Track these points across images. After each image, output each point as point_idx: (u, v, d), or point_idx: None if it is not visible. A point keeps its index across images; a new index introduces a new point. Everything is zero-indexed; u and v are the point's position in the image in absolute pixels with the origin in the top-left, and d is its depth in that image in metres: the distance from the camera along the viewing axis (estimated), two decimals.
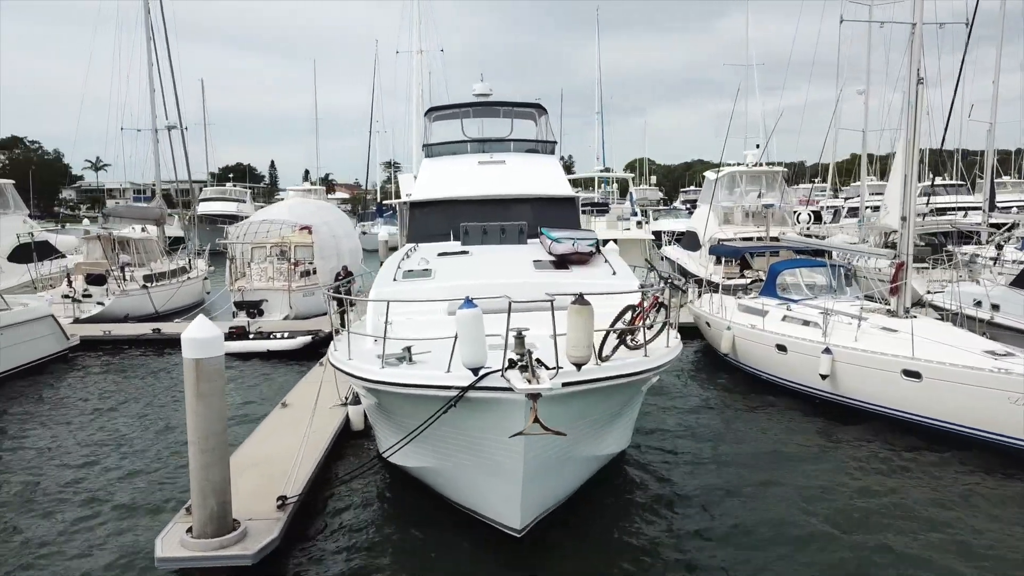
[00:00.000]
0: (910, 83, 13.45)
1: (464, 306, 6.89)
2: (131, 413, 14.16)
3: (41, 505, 9.86)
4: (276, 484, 9.18)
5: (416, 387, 7.61)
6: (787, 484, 10.19)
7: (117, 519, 9.41)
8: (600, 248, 12.08)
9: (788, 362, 14.38)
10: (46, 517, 9.49)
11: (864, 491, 9.97)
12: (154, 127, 28.11)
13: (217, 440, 7.95)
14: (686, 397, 14.81)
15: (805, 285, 16.30)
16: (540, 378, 6.60)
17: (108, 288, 22.76)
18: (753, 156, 26.34)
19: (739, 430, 12.70)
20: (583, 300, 6.97)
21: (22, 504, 9.92)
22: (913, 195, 13.72)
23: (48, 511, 9.67)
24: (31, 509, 9.75)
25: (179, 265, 26.84)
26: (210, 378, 7.89)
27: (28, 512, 9.65)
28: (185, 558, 7.74)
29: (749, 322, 15.63)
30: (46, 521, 9.37)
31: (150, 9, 27.74)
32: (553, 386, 6.62)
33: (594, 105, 56.02)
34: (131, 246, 25.26)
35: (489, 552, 8.30)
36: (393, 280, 10.78)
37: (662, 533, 8.93)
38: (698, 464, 11.07)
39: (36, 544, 8.73)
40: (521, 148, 15.95)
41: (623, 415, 9.46)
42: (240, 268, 24.01)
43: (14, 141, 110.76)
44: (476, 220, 13.56)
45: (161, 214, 28.36)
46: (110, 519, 9.41)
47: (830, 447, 11.81)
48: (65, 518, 9.44)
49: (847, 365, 13.07)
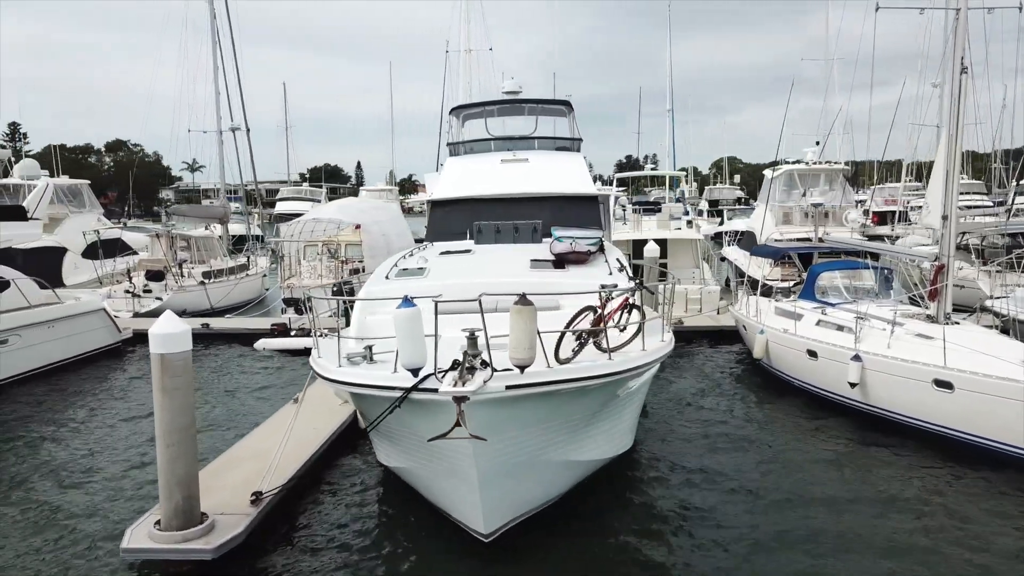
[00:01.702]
0: (953, 73, 12.51)
1: (401, 305, 6.75)
2: None
3: (70, 477, 10.60)
4: (260, 480, 9.24)
5: (357, 386, 7.54)
6: (799, 498, 9.63)
7: (137, 499, 9.82)
8: (604, 247, 11.73)
9: (818, 368, 13.65)
10: (78, 488, 10.21)
11: (884, 507, 9.34)
12: (219, 129, 29.13)
13: (183, 435, 8.05)
14: (711, 401, 14.23)
15: (846, 288, 15.44)
16: (470, 381, 6.39)
17: (166, 284, 23.68)
18: (813, 153, 25.20)
19: (759, 438, 12.08)
20: (525, 300, 6.72)
21: (55, 477, 10.68)
22: (955, 192, 12.76)
23: (78, 483, 10.39)
24: (62, 482, 10.46)
25: (239, 263, 27.70)
26: (175, 373, 8.01)
27: (61, 485, 10.36)
28: (148, 549, 7.87)
29: (782, 326, 14.93)
30: (80, 493, 10.04)
31: (216, 14, 28.73)
32: (478, 389, 6.40)
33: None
34: (191, 244, 26.22)
35: (456, 560, 8.12)
36: (385, 278, 10.75)
37: (658, 543, 8.57)
38: (706, 470, 10.57)
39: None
40: (545, 146, 15.71)
41: (610, 418, 9.10)
42: (291, 266, 24.56)
43: (118, 144, 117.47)
44: (497, 218, 13.45)
45: (224, 213, 29.36)
46: (132, 498, 9.85)
47: (854, 459, 11.10)
48: (93, 488, 10.12)
49: (877, 373, 12.29)
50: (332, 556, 8.33)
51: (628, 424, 10.16)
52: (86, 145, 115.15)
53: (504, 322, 7.56)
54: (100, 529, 8.95)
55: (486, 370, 6.62)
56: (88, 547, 8.52)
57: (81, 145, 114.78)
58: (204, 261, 26.27)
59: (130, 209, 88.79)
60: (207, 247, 27.11)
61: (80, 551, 8.43)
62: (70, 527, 9.03)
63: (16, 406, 14.59)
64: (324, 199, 62.14)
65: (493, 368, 6.86)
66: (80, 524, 9.12)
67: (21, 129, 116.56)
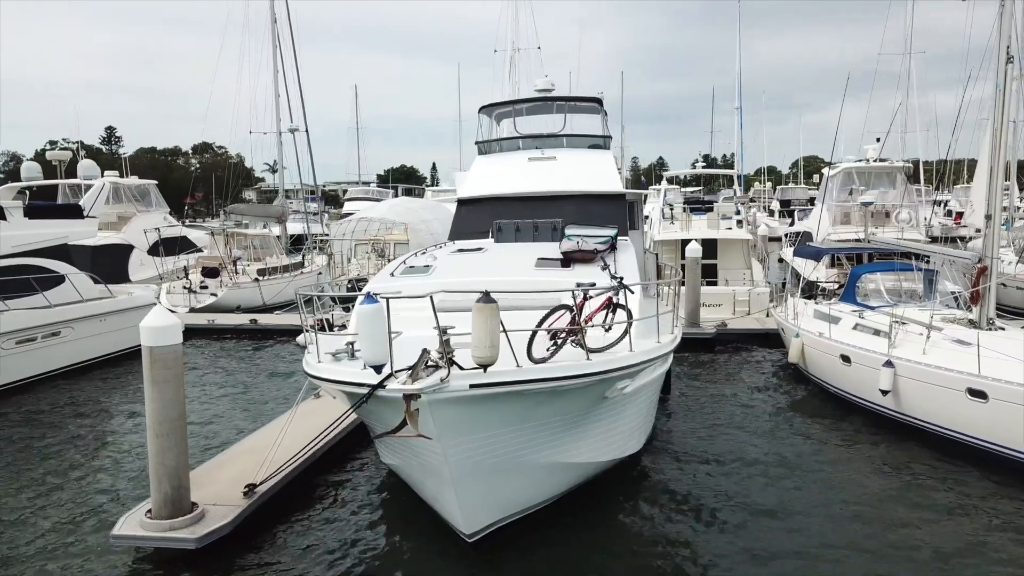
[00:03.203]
0: (998, 63, 11.73)
1: (364, 302, 6.73)
2: (213, 396, 15.22)
3: (120, 465, 11.17)
4: (259, 472, 9.38)
5: (324, 380, 7.58)
6: (817, 507, 9.23)
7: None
8: (617, 246, 11.47)
9: (852, 374, 13.03)
10: (126, 478, 10.67)
11: (903, 521, 8.85)
12: (278, 130, 29.90)
13: (172, 426, 8.23)
14: (740, 405, 13.77)
15: (888, 290, 14.71)
16: (421, 379, 6.32)
17: (221, 281, 24.46)
18: (873, 151, 24.08)
19: (782, 446, 11.55)
20: (487, 298, 6.60)
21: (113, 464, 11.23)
22: (999, 191, 11.96)
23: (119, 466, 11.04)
24: (120, 468, 11.03)
25: (294, 261, 28.38)
26: (165, 365, 8.20)
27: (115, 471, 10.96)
28: (135, 536, 8.08)
29: (818, 329, 14.32)
30: (128, 483, 10.49)
31: (276, 18, 29.50)
32: (429, 387, 6.32)
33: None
34: (247, 242, 27.02)
35: (440, 562, 8.07)
36: (390, 276, 10.78)
37: (662, 549, 8.34)
38: (717, 480, 10.22)
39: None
40: (575, 144, 15.49)
41: (603, 420, 8.87)
42: (340, 263, 25.02)
43: (204, 146, 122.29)
44: (521, 217, 13.34)
45: (281, 213, 30.13)
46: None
47: (882, 470, 10.55)
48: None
49: (909, 380, 11.65)
50: (318, 553, 8.35)
51: (630, 427, 9.88)
52: (175, 147, 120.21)
53: (513, 320, 7.51)
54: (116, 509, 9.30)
55: (442, 369, 6.53)
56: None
57: (170, 148, 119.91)
58: (260, 259, 27.02)
59: (213, 209, 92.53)
60: (264, 245, 27.87)
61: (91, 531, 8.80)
62: (88, 505, 9.45)
63: (72, 393, 15.39)
64: (390, 199, 62.96)
65: (460, 367, 6.78)
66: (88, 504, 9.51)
67: (116, 133, 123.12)
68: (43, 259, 17.18)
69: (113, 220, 28.23)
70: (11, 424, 13.34)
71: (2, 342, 15.41)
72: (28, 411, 14.15)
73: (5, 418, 13.69)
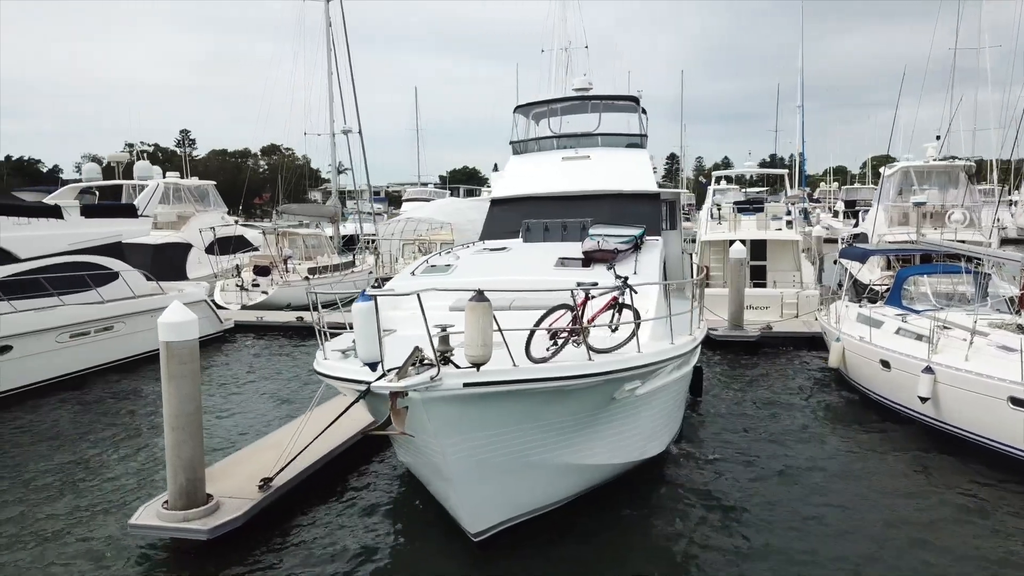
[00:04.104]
0: None
1: (360, 300, 6.78)
2: (260, 390, 15.69)
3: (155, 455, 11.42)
4: (276, 467, 9.54)
5: (329, 378, 7.68)
6: (845, 519, 8.91)
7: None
8: (641, 246, 11.30)
9: (891, 380, 12.56)
10: (160, 467, 10.66)
11: (937, 536, 8.48)
12: (331, 132, 30.47)
13: (188, 419, 8.45)
14: (775, 409, 13.41)
15: (936, 294, 14.11)
16: (407, 378, 6.34)
17: (272, 279, 25.06)
18: (933, 149, 23.11)
19: (814, 452, 11.19)
20: (480, 297, 6.57)
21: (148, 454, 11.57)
22: None
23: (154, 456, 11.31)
24: (154, 458, 11.31)
25: (345, 260, 28.87)
26: (182, 360, 8.42)
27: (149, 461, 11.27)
28: (150, 526, 8.31)
29: (859, 333, 13.83)
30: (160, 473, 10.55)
31: (331, 22, 30.09)
32: (414, 385, 6.32)
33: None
34: (298, 241, 27.61)
35: (447, 561, 8.07)
36: (411, 275, 10.85)
37: (680, 555, 8.21)
38: (743, 485, 9.98)
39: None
40: (611, 142, 15.33)
41: (615, 421, 8.73)
42: (388, 263, 25.34)
43: (272, 148, 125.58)
44: (553, 217, 13.30)
45: (334, 213, 30.69)
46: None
47: (916, 480, 10.15)
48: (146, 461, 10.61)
49: (949, 387, 11.16)
50: (328, 548, 8.43)
51: (649, 428, 9.70)
52: (244, 149, 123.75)
53: (516, 319, 7.51)
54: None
55: (432, 367, 6.54)
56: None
57: (240, 149, 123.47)
58: (311, 258, 27.57)
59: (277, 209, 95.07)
60: (315, 244, 28.43)
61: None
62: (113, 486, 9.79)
63: (122, 385, 16.04)
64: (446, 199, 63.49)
65: (456, 366, 6.78)
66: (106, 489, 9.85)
67: (191, 135, 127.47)
68: (98, 256, 17.88)
69: (173, 220, 29.23)
70: (65, 412, 13.95)
71: (57, 336, 16.10)
72: (81, 401, 14.76)
73: (60, 407, 14.31)
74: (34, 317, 15.58)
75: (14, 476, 10.70)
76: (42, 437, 12.49)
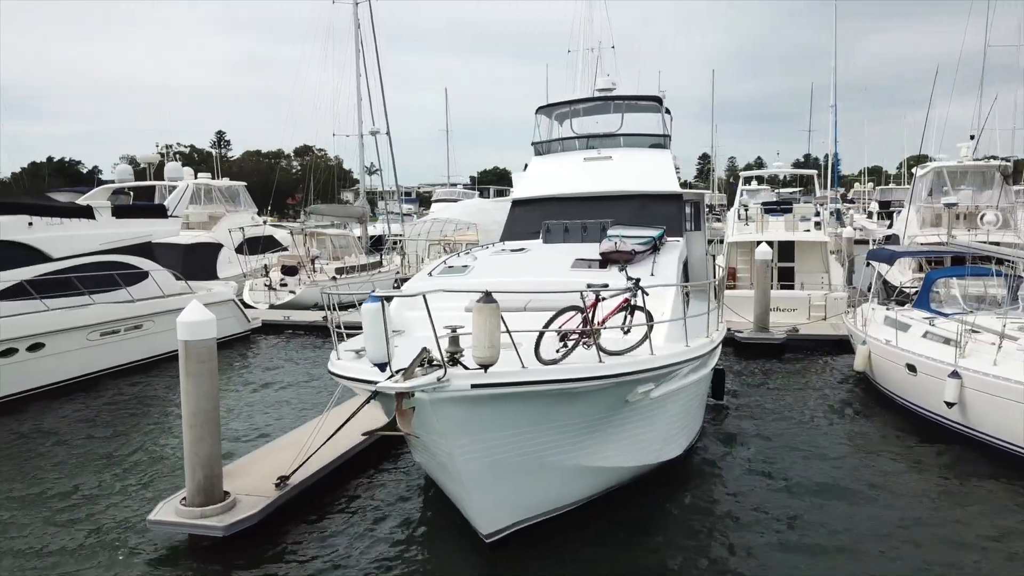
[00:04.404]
0: None
1: (369, 301, 6.82)
2: (282, 389, 15.90)
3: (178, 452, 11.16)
4: (293, 466, 9.63)
5: (341, 377, 7.73)
6: (864, 525, 8.77)
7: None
8: (659, 247, 11.22)
9: (917, 384, 12.32)
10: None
11: (961, 545, 8.29)
12: (359, 133, 30.70)
13: (205, 417, 8.56)
14: (797, 412, 13.25)
15: (966, 296, 13.82)
16: (413, 378, 6.36)
17: (300, 279, 25.33)
18: (967, 149, 22.63)
19: (837, 457, 11.03)
20: (488, 298, 6.58)
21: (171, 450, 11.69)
22: None
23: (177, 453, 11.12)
24: (178, 454, 11.14)
25: (372, 260, 29.08)
26: (199, 359, 8.55)
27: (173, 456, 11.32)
28: (168, 522, 8.42)
29: (885, 337, 13.59)
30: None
31: (359, 23, 30.32)
32: (420, 385, 6.34)
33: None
34: (326, 241, 27.87)
35: (464, 562, 8.09)
36: (428, 275, 10.89)
37: (694, 559, 8.12)
38: (761, 491, 9.85)
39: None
40: (634, 143, 15.25)
41: (629, 424, 8.66)
42: (414, 264, 25.47)
43: (305, 149, 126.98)
44: (574, 218, 13.26)
45: (362, 213, 30.92)
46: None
47: (941, 487, 9.95)
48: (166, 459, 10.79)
49: (976, 392, 10.92)
50: (343, 547, 8.47)
51: (666, 431, 9.62)
52: (278, 150, 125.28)
53: (528, 320, 7.50)
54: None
55: (439, 368, 6.55)
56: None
57: (273, 150, 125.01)
58: (339, 258, 27.81)
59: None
60: (343, 245, 28.68)
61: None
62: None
63: (152, 382, 16.35)
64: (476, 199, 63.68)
65: (464, 367, 6.79)
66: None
67: (226, 137, 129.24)
68: (128, 256, 18.21)
69: (204, 220, 29.67)
70: (95, 409, 14.24)
71: (88, 334, 16.43)
72: (110, 398, 15.05)
73: (90, 403, 14.62)
74: (65, 315, 15.92)
75: (42, 469, 10.95)
76: (71, 433, 12.74)
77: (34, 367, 15.12)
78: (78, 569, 8.02)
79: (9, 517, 9.31)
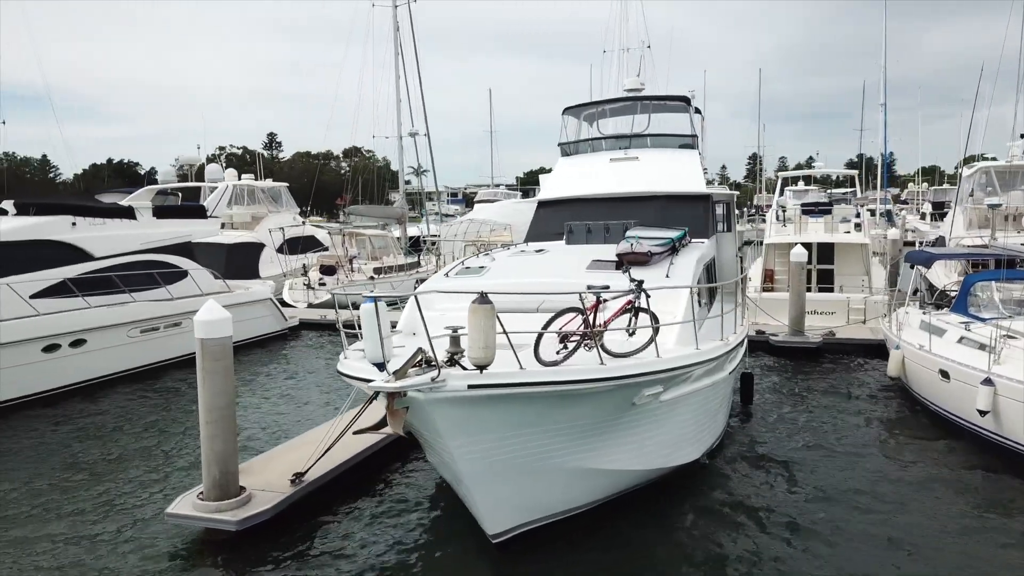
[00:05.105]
0: None
1: (365, 301, 6.88)
2: (314, 386, 16.19)
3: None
4: (309, 463, 9.77)
5: (348, 377, 7.83)
6: (889, 536, 8.55)
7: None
8: (679, 249, 11.09)
9: (951, 391, 11.94)
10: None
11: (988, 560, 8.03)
12: (399, 134, 31.01)
13: (221, 414, 8.76)
14: (826, 416, 12.98)
15: (1007, 301, 13.34)
16: (409, 378, 6.40)
17: (338, 278, 25.69)
18: (1017, 148, 21.82)
19: (863, 464, 10.75)
20: (484, 299, 6.59)
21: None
22: None
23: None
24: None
25: (410, 261, 29.35)
26: (215, 357, 8.77)
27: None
28: (184, 515, 8.64)
29: (919, 341, 13.21)
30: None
31: (399, 25, 30.62)
32: (410, 385, 6.37)
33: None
34: (365, 241, 28.21)
35: (473, 562, 8.13)
36: (445, 276, 10.94)
37: (710, 565, 8.04)
38: (780, 496, 9.69)
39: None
40: (661, 143, 15.09)
41: (638, 427, 8.57)
42: (446, 263, 25.60)
43: (354, 150, 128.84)
44: (601, 218, 13.19)
45: (401, 214, 31.21)
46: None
47: (972, 500, 9.61)
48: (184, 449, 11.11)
49: (1010, 400, 10.54)
50: (354, 544, 8.57)
51: (678, 435, 9.49)
52: (327, 151, 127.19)
53: (532, 322, 7.51)
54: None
55: (433, 369, 6.58)
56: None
57: (323, 152, 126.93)
58: (377, 258, 28.13)
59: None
60: (382, 245, 28.99)
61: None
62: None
63: (191, 376, 16.62)
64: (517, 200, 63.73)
65: (463, 367, 6.81)
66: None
67: (277, 138, 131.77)
68: (168, 255, 18.70)
69: (247, 220, 30.28)
70: (133, 404, 14.70)
71: (128, 331, 16.93)
72: (148, 394, 15.50)
73: (129, 398, 15.09)
74: (106, 313, 16.43)
75: (75, 460, 11.37)
76: (110, 427, 13.16)
77: (76, 363, 15.63)
78: (96, 556, 8.31)
79: (46, 501, 9.72)
